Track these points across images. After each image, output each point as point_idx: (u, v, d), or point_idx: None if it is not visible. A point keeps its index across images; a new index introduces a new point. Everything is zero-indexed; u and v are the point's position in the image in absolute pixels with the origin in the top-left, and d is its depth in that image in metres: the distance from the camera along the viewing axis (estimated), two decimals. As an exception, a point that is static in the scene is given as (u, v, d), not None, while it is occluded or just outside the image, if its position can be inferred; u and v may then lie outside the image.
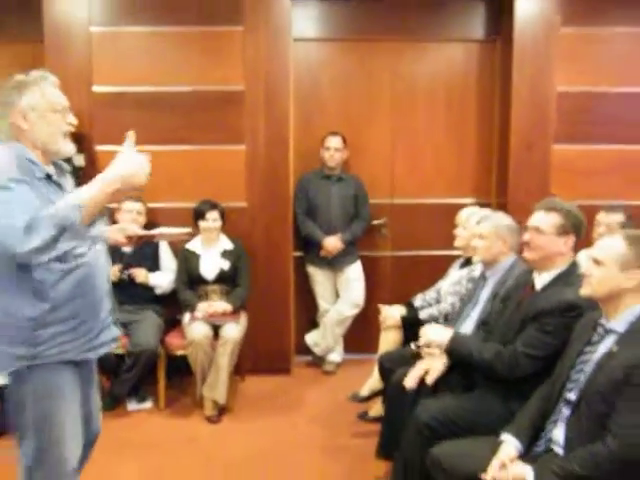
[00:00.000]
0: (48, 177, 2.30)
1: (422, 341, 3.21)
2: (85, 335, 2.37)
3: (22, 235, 2.02)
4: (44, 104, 2.30)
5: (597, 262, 2.27)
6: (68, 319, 2.31)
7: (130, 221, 4.42)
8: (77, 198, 2.09)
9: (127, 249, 4.52)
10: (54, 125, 2.31)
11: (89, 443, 2.74)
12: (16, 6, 4.87)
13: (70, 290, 2.30)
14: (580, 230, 2.76)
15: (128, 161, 2.16)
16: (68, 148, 2.37)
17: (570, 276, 2.68)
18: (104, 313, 2.47)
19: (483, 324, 3.16)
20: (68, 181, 2.50)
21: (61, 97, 2.36)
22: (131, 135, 2.25)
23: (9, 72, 5.20)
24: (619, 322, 2.24)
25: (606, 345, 2.26)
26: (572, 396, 2.29)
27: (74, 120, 2.40)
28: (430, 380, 3.00)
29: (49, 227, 2.02)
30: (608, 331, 2.28)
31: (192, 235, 3.48)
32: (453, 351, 2.97)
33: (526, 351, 2.67)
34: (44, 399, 2.32)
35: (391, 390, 3.38)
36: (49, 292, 2.26)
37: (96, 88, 4.78)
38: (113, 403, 4.34)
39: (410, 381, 3.06)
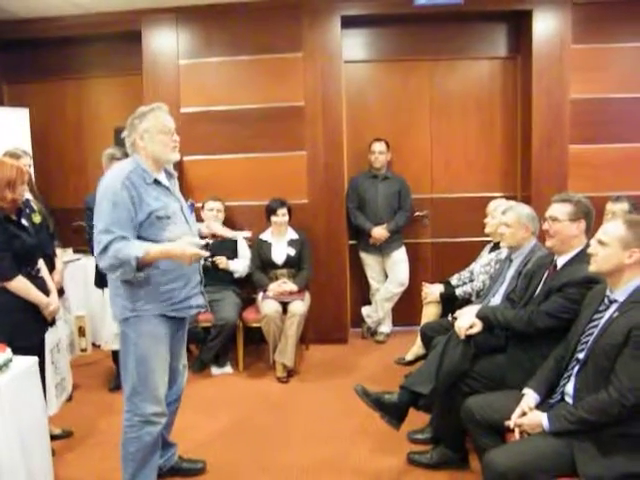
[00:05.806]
0: (156, 182, 2.60)
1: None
2: (175, 298, 2.63)
3: (98, 252, 2.45)
4: (155, 128, 2.62)
5: (602, 243, 2.27)
6: (160, 285, 2.58)
7: (212, 218, 4.60)
8: (141, 250, 2.42)
9: (211, 241, 4.68)
10: (162, 142, 2.62)
11: (175, 398, 2.93)
12: (121, 47, 5.10)
13: (162, 265, 2.56)
14: (589, 216, 2.74)
15: (181, 250, 2.48)
16: (174, 157, 2.69)
17: (585, 255, 2.67)
18: (193, 284, 2.72)
19: (508, 298, 3.17)
20: (175, 183, 2.81)
21: (170, 122, 2.67)
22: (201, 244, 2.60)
23: (116, 98, 5.50)
24: (620, 293, 2.24)
25: (610, 313, 2.26)
26: (581, 355, 2.30)
27: (178, 138, 2.69)
28: (472, 331, 2.93)
29: (113, 258, 2.41)
30: (612, 301, 2.27)
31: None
32: (481, 316, 2.96)
33: (546, 310, 2.67)
34: (142, 341, 2.59)
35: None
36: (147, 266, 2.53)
37: (183, 109, 4.95)
38: (201, 366, 4.50)
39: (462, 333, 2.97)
